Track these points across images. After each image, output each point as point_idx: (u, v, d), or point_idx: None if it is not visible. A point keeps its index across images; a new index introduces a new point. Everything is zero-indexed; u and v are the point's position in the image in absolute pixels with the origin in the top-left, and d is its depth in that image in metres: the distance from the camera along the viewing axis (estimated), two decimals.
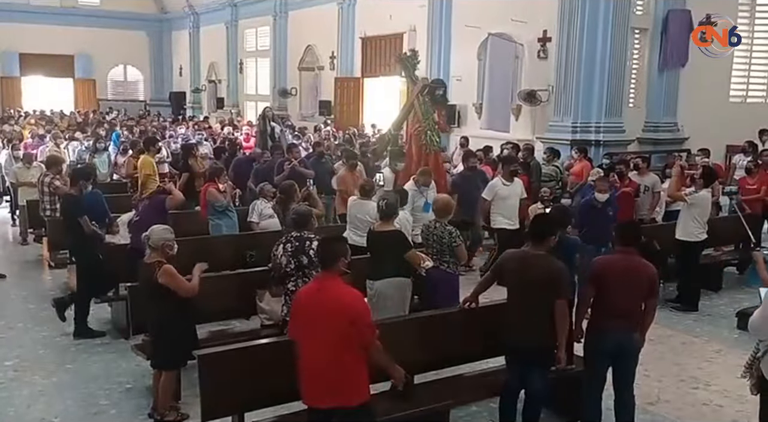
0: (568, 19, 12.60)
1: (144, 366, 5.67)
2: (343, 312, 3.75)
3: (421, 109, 9.79)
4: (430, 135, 9.52)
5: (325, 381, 3.80)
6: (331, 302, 3.79)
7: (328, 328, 3.75)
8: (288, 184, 7.45)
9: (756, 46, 13.17)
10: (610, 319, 4.63)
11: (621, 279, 4.62)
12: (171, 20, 31.42)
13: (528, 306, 4.51)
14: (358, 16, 19.67)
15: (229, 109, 25.94)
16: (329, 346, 3.76)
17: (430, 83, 10.70)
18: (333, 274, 3.90)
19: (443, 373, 5.27)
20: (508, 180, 8.67)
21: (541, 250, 4.60)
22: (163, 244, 4.91)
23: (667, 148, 12.83)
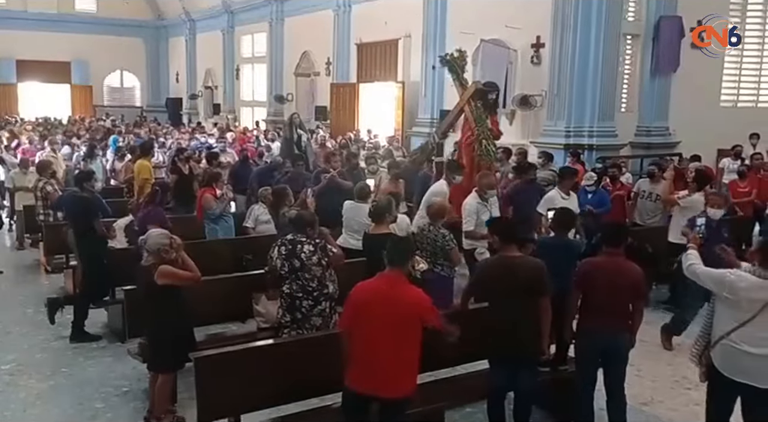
0: (561, 25, 12.71)
1: (140, 369, 5.67)
2: (415, 310, 3.95)
3: (474, 116, 8.99)
4: (486, 144, 8.74)
5: (379, 371, 3.93)
6: (402, 300, 3.96)
7: (394, 323, 3.90)
8: (281, 187, 7.50)
9: (746, 51, 13.30)
10: (595, 320, 4.68)
11: (606, 281, 4.66)
12: (167, 27, 31.50)
13: (516, 308, 4.55)
14: (353, 23, 19.78)
15: (225, 115, 25.98)
16: (392, 340, 3.91)
17: (482, 86, 9.65)
18: (401, 272, 4.07)
19: (439, 374, 5.30)
20: (566, 193, 7.87)
21: (515, 252, 4.71)
22: (159, 249, 4.91)
23: (658, 152, 12.93)
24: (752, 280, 4.02)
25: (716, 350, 4.18)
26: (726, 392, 4.22)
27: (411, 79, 17.54)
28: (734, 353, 4.08)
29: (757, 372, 4.05)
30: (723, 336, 4.12)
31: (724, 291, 4.11)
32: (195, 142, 16.80)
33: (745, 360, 4.05)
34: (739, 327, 4.05)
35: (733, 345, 4.08)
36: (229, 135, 17.69)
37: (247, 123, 24.45)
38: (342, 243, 7.02)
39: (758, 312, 3.99)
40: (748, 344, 4.03)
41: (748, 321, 4.02)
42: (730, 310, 4.12)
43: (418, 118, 17.13)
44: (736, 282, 4.05)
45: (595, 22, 12.31)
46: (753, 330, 4.02)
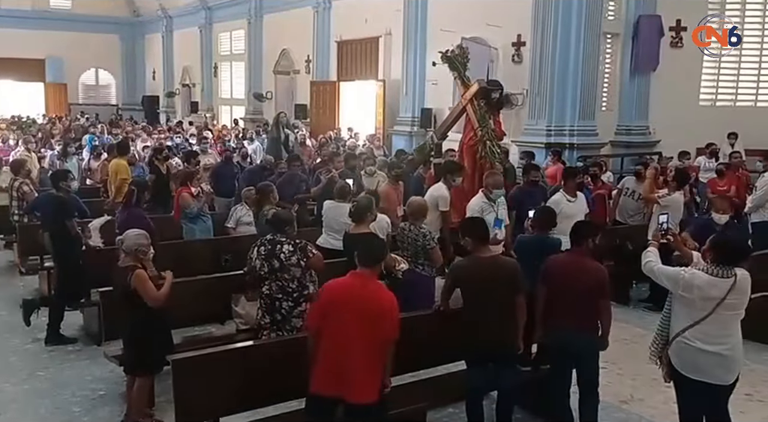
0: (542, 23, 12.75)
1: (117, 372, 5.59)
2: (385, 311, 3.90)
3: (477, 116, 8.62)
4: (490, 146, 8.39)
5: (347, 373, 3.87)
6: (374, 300, 3.91)
7: (364, 324, 3.85)
8: (265, 184, 7.41)
9: (725, 51, 13.41)
10: (558, 318, 4.71)
11: (567, 279, 4.68)
12: (144, 23, 31.18)
13: (494, 308, 4.55)
14: (333, 20, 19.70)
15: (203, 113, 25.76)
16: (361, 341, 3.85)
17: (486, 85, 9.18)
18: (373, 273, 4.03)
19: (420, 375, 5.28)
20: (572, 195, 7.48)
21: (486, 252, 4.71)
22: (136, 249, 4.86)
23: (638, 150, 13.03)
24: (705, 278, 4.05)
25: (673, 348, 4.22)
26: (689, 390, 4.23)
27: (392, 77, 17.51)
28: (689, 351, 4.12)
29: (711, 369, 4.09)
30: (678, 333, 4.16)
31: (679, 289, 4.15)
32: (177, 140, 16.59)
33: (699, 358, 4.09)
34: (693, 325, 4.08)
35: (687, 343, 4.12)
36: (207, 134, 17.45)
37: (225, 121, 24.25)
38: (322, 243, 6.96)
39: (712, 311, 4.03)
40: (702, 341, 4.07)
41: (702, 319, 4.05)
42: (685, 308, 4.15)
43: (399, 116, 17.11)
44: (690, 280, 4.09)
45: (575, 20, 12.37)
46: (707, 328, 4.06)
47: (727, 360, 4.09)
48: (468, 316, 4.76)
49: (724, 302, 4.02)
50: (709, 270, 4.07)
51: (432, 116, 16.17)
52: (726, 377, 4.12)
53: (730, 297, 4.03)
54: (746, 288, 4.11)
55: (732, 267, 4.06)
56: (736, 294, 4.05)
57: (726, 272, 4.04)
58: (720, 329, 4.08)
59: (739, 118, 12.69)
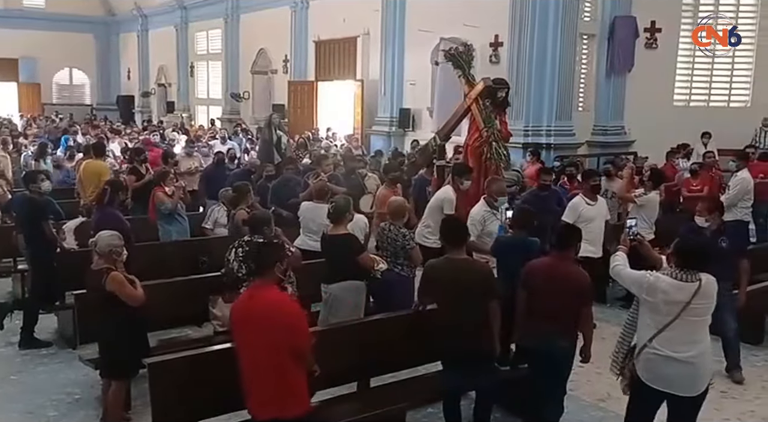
0: (519, 24, 12.83)
1: (92, 376, 5.52)
2: (278, 319, 3.67)
3: (482, 116, 8.22)
4: (496, 147, 8.03)
5: (263, 391, 3.73)
6: (264, 310, 3.71)
7: (263, 337, 3.68)
8: (243, 184, 7.36)
9: (698, 52, 13.61)
10: (535, 322, 4.64)
11: (546, 284, 4.60)
12: (119, 22, 30.84)
13: (464, 311, 4.52)
14: (311, 20, 19.63)
15: (179, 113, 25.54)
16: (265, 355, 3.69)
17: (492, 83, 8.69)
18: (267, 281, 3.82)
19: (399, 375, 5.29)
20: (591, 198, 7.23)
21: (461, 254, 4.69)
22: (110, 251, 4.80)
23: (614, 150, 13.16)
24: (670, 282, 3.99)
25: (640, 359, 4.12)
26: (649, 403, 4.17)
27: (370, 77, 17.50)
28: (658, 360, 4.02)
29: (681, 379, 4.01)
30: (646, 344, 4.07)
31: (644, 293, 4.09)
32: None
33: (669, 368, 4.00)
34: (659, 333, 4.01)
35: (656, 353, 4.03)
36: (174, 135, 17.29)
37: (202, 121, 24.06)
38: (300, 244, 6.93)
39: (677, 316, 3.96)
40: (670, 349, 3.98)
41: (668, 324, 3.98)
42: (650, 314, 4.08)
43: (378, 116, 17.11)
44: (654, 284, 4.02)
45: (552, 21, 12.46)
46: (672, 334, 3.99)
47: (694, 368, 4.01)
48: (438, 317, 4.76)
49: (689, 307, 3.95)
50: (673, 275, 4.01)
51: (410, 116, 16.22)
52: (692, 388, 4.03)
53: (695, 302, 3.96)
54: (711, 293, 4.05)
55: (697, 271, 4.01)
56: (702, 299, 3.99)
57: (691, 277, 3.98)
58: (686, 335, 4.00)
59: (712, 118, 12.88)
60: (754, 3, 13.03)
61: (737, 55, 13.35)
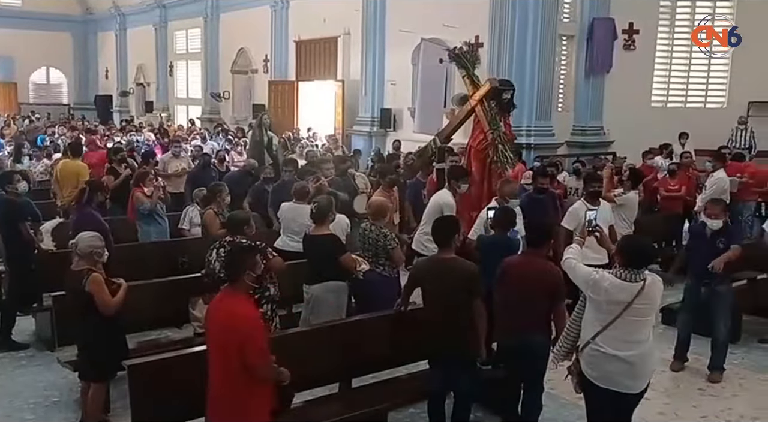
0: (499, 25, 12.91)
1: (71, 378, 5.46)
2: (231, 332, 3.62)
3: (487, 118, 7.88)
4: (503, 149, 7.70)
5: (219, 404, 3.71)
6: (224, 320, 3.67)
7: (221, 347, 3.66)
8: (216, 184, 7.30)
9: (675, 54, 13.77)
10: (509, 319, 4.67)
11: (519, 280, 4.64)
12: (96, 21, 30.54)
13: (448, 310, 4.54)
14: (291, 19, 19.59)
15: (158, 113, 25.34)
16: (222, 366, 3.66)
17: (498, 84, 8.33)
18: (236, 289, 3.76)
19: (381, 376, 5.29)
20: (593, 204, 6.79)
21: (450, 254, 4.69)
22: (91, 252, 4.75)
23: (594, 151, 13.28)
24: (614, 281, 4.01)
25: (584, 356, 4.17)
26: (597, 398, 4.21)
27: (351, 77, 17.49)
28: (599, 357, 4.07)
29: (622, 377, 4.05)
30: (589, 341, 4.12)
31: (589, 290, 4.13)
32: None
33: (609, 365, 4.04)
34: (602, 331, 4.04)
35: (598, 350, 4.07)
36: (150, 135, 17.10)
37: (182, 121, 23.88)
38: (281, 245, 6.91)
39: (619, 315, 3.99)
40: (612, 347, 4.02)
41: (610, 323, 4.01)
42: (594, 312, 4.12)
43: (359, 116, 17.11)
44: (599, 282, 4.05)
45: (531, 22, 12.55)
46: (615, 333, 4.02)
47: (634, 367, 4.04)
48: (423, 315, 4.77)
49: (631, 307, 3.97)
50: (618, 274, 4.03)
51: (391, 116, 16.23)
52: (633, 385, 4.08)
53: (637, 302, 3.97)
54: (655, 294, 4.07)
55: (641, 271, 4.04)
56: (644, 300, 4.00)
57: (635, 276, 4.00)
58: (627, 335, 4.03)
59: (689, 119, 13.02)
60: (729, 6, 13.21)
61: (713, 56, 13.52)
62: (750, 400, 5.72)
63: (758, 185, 9.65)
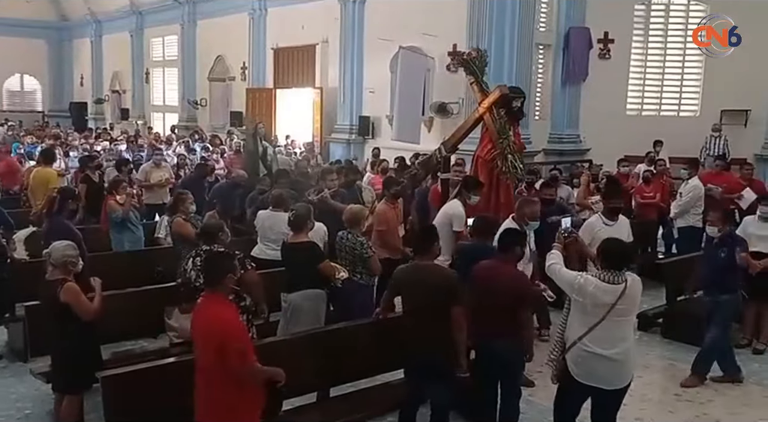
0: (477, 34, 12.96)
1: (44, 390, 5.38)
2: (213, 335, 3.62)
3: (496, 126, 7.56)
4: (512, 159, 7.40)
5: (207, 409, 3.69)
6: (204, 323, 3.67)
7: (203, 351, 3.66)
8: (181, 191, 7.24)
9: (650, 63, 13.96)
10: (476, 325, 4.72)
11: (485, 286, 4.72)
12: (71, 28, 30.19)
13: (427, 317, 4.54)
14: (269, 27, 19.53)
15: (134, 121, 25.11)
16: (206, 370, 3.65)
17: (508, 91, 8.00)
18: (216, 293, 3.76)
19: (360, 385, 5.27)
20: (610, 218, 6.43)
21: (429, 260, 4.71)
22: (65, 261, 4.69)
23: (570, 158, 13.39)
24: (598, 284, 4.17)
25: (570, 354, 4.31)
26: (578, 396, 4.38)
27: (329, 84, 17.47)
28: (587, 357, 4.22)
29: (609, 374, 4.23)
30: (576, 341, 4.26)
31: (574, 294, 4.27)
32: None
33: (598, 363, 4.20)
34: (588, 331, 4.20)
35: (586, 350, 4.22)
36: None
37: (158, 128, 23.66)
38: (258, 254, 6.87)
39: (604, 316, 4.15)
40: (600, 347, 4.18)
41: (596, 324, 4.18)
42: (580, 314, 4.27)
43: (337, 124, 17.10)
44: (584, 286, 4.21)
45: (508, 31, 12.62)
46: (600, 333, 4.19)
47: (619, 364, 4.23)
48: (402, 323, 4.77)
49: (615, 308, 4.14)
50: (601, 277, 4.20)
51: (370, 124, 16.25)
52: (617, 382, 4.27)
53: (620, 304, 4.15)
54: (636, 294, 4.26)
55: (622, 272, 4.20)
56: (627, 300, 4.18)
57: (617, 278, 4.17)
58: (612, 334, 4.20)
59: (663, 127, 13.18)
60: (702, 15, 13.41)
61: (686, 65, 13.72)
62: (725, 405, 5.78)
63: (729, 193, 9.79)
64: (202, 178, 10.25)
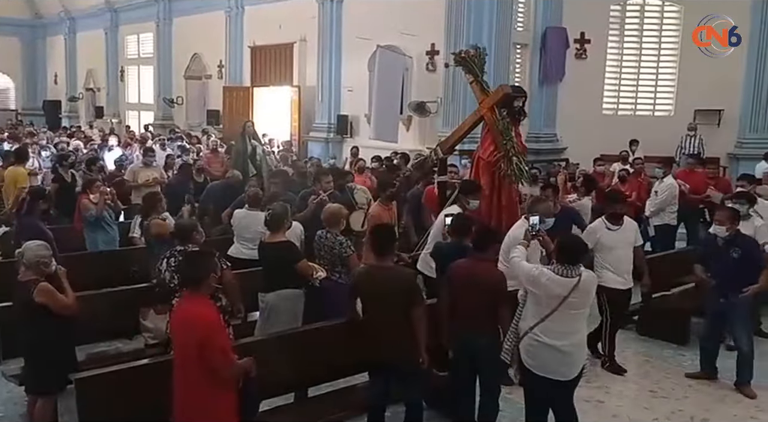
0: (455, 33, 13.02)
1: (17, 392, 5.30)
2: (192, 334, 3.58)
3: (499, 128, 7.27)
4: (517, 162, 7.13)
5: (185, 408, 3.66)
6: (184, 323, 3.64)
7: (182, 351, 3.62)
8: (153, 193, 7.18)
9: (625, 63, 14.08)
10: (456, 322, 4.81)
11: (463, 284, 4.77)
12: (45, 25, 29.75)
13: (388, 319, 4.54)
14: (246, 25, 19.41)
15: (109, 119, 24.81)
16: (185, 369, 3.62)
17: (511, 91, 7.70)
18: (197, 294, 3.73)
19: (338, 385, 5.25)
20: (614, 222, 6.35)
21: (388, 262, 4.72)
22: (38, 262, 4.62)
23: (547, 157, 13.48)
24: (552, 276, 4.33)
25: (523, 345, 4.47)
26: (538, 390, 4.47)
27: (307, 83, 17.41)
28: (537, 346, 4.38)
29: (557, 365, 4.36)
30: (527, 331, 4.42)
31: (529, 285, 4.45)
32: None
33: (545, 354, 4.37)
34: (540, 322, 4.36)
35: (537, 339, 4.37)
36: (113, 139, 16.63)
37: (134, 127, 23.38)
38: (234, 253, 6.83)
39: (556, 308, 4.30)
40: (550, 338, 4.34)
41: (548, 315, 4.33)
42: (534, 305, 4.43)
43: (315, 123, 17.06)
44: (538, 278, 4.37)
45: (486, 31, 12.67)
46: (552, 325, 4.34)
47: (569, 356, 4.37)
48: (364, 325, 4.76)
49: (567, 300, 4.29)
50: (555, 270, 4.35)
51: (348, 123, 16.22)
52: (567, 372, 4.40)
53: (573, 296, 4.29)
54: (589, 288, 4.41)
55: (577, 267, 4.34)
56: (579, 294, 4.32)
57: (571, 272, 4.31)
58: (563, 326, 4.34)
59: (638, 126, 13.32)
60: (677, 16, 13.57)
61: (661, 66, 13.86)
62: (700, 401, 5.85)
63: (695, 192, 9.90)
64: (188, 179, 10.10)
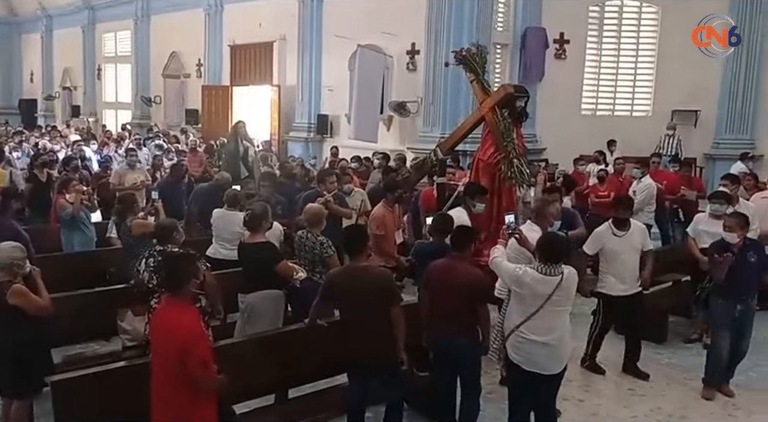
0: (435, 32, 13.04)
1: None
2: (173, 342, 3.52)
3: (500, 128, 7.08)
4: (518, 164, 6.97)
5: (163, 414, 3.61)
6: (165, 330, 3.59)
7: (162, 357, 3.58)
8: (128, 194, 7.10)
9: (603, 63, 14.19)
10: (433, 321, 4.84)
11: (440, 283, 4.80)
12: (21, 23, 29.34)
13: (366, 320, 4.53)
14: (225, 23, 19.29)
15: (85, 118, 24.52)
16: (163, 375, 3.58)
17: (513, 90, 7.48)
18: (179, 298, 3.66)
19: (318, 385, 5.22)
20: (620, 228, 6.16)
21: (362, 262, 4.71)
22: (11, 263, 4.54)
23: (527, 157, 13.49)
24: (535, 276, 4.40)
25: (510, 342, 4.55)
26: (523, 384, 4.55)
27: (287, 82, 17.34)
28: (524, 343, 4.47)
29: (544, 359, 4.46)
30: (514, 329, 4.50)
31: (514, 285, 4.52)
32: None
33: (532, 349, 4.45)
34: (526, 320, 4.44)
35: (523, 337, 4.47)
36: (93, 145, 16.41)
37: (110, 126, 23.15)
38: (213, 254, 6.78)
39: (540, 306, 4.39)
40: (535, 334, 4.43)
41: (533, 314, 4.41)
42: (518, 304, 4.50)
43: (295, 122, 17.00)
44: (522, 277, 4.44)
45: (466, 30, 12.70)
46: (537, 322, 4.43)
47: (555, 350, 4.48)
48: (342, 327, 4.74)
49: (551, 298, 4.37)
50: (539, 269, 4.41)
51: (328, 122, 16.19)
52: (554, 366, 4.50)
53: (556, 294, 4.38)
54: (571, 285, 4.48)
55: (559, 265, 4.41)
56: (562, 291, 4.40)
57: (553, 270, 4.38)
58: (548, 322, 4.44)
59: (617, 126, 13.44)
60: (654, 17, 13.70)
61: (639, 66, 13.99)
62: (678, 399, 5.90)
63: (670, 192, 10.00)
64: (179, 181, 9.85)
